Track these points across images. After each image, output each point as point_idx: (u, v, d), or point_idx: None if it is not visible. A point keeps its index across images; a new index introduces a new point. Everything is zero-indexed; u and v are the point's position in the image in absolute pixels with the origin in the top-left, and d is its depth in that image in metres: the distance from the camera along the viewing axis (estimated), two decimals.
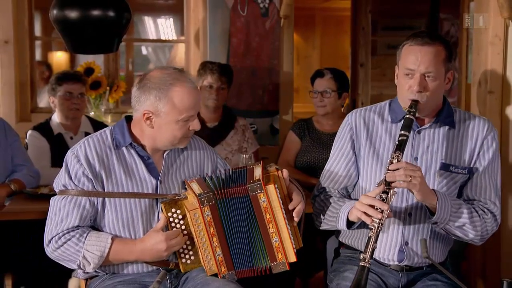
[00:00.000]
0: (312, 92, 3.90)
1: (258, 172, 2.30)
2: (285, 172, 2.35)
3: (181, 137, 2.36)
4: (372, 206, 2.22)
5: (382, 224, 2.21)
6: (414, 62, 2.34)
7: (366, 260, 2.16)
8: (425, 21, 6.50)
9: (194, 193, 2.26)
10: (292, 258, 2.31)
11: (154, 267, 2.38)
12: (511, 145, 4.02)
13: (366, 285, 2.14)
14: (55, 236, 2.29)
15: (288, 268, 2.31)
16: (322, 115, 3.91)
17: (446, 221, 2.32)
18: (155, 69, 2.38)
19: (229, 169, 2.46)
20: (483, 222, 2.38)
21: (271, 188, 2.26)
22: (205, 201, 2.24)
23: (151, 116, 2.32)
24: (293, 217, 2.33)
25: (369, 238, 2.19)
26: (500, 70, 3.96)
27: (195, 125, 2.36)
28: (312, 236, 3.52)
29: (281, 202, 2.28)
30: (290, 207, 2.32)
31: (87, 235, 2.29)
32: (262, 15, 4.28)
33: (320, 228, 2.56)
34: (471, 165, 2.44)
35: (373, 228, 2.20)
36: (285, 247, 2.29)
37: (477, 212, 2.39)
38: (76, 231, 2.29)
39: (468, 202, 2.43)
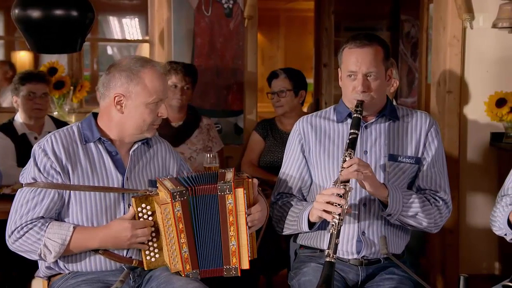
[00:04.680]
0: (270, 93, 3.96)
1: (229, 175, 2.32)
2: (255, 181, 2.38)
3: (150, 123, 2.38)
4: (331, 203, 2.28)
5: (342, 220, 2.26)
6: (355, 64, 2.43)
7: (331, 256, 2.20)
8: (386, 22, 6.60)
9: (167, 189, 2.26)
10: (245, 265, 2.32)
11: (118, 265, 2.38)
12: (469, 143, 4.12)
13: (333, 280, 2.18)
14: (18, 226, 2.28)
15: (239, 274, 2.32)
16: (282, 115, 3.96)
17: (399, 212, 2.40)
18: (123, 57, 2.43)
19: (201, 172, 2.47)
20: (436, 210, 2.47)
21: (240, 191, 2.28)
22: (177, 196, 2.24)
23: (121, 99, 2.34)
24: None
25: (331, 234, 2.24)
26: (459, 71, 4.06)
27: (163, 110, 2.39)
28: (276, 235, 3.57)
29: (246, 208, 2.29)
30: (248, 212, 2.32)
31: (49, 224, 2.29)
32: (226, 16, 4.30)
33: (282, 233, 2.60)
34: (419, 156, 2.53)
35: (334, 224, 2.25)
36: (241, 253, 2.30)
37: (428, 200, 2.48)
38: (39, 221, 2.29)
39: (420, 192, 2.51)
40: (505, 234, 2.37)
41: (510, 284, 1.99)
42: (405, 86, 6.15)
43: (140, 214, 2.32)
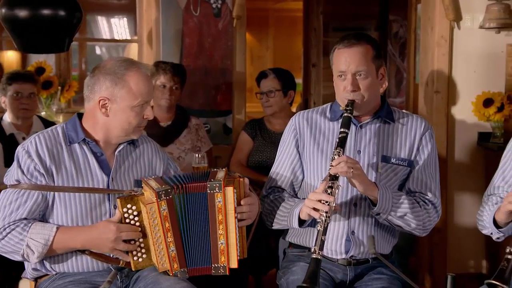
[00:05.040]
0: (259, 94, 3.96)
1: (221, 174, 2.32)
2: (247, 180, 2.38)
3: (136, 125, 2.38)
4: (320, 201, 2.29)
5: (329, 217, 2.27)
6: (344, 63, 2.45)
7: (317, 252, 2.21)
8: (374, 23, 6.62)
9: (152, 188, 2.25)
10: (234, 264, 2.32)
11: (105, 266, 2.37)
12: (456, 143, 4.14)
13: (319, 276, 2.19)
14: (1, 228, 2.27)
15: (227, 273, 2.33)
16: (271, 115, 3.97)
17: (388, 211, 2.41)
18: (107, 59, 2.41)
19: (192, 172, 2.47)
20: (425, 212, 2.48)
21: (229, 190, 2.28)
22: (163, 195, 2.24)
23: (106, 103, 2.33)
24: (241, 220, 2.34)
25: (318, 231, 2.25)
26: (446, 71, 4.08)
27: (149, 113, 2.39)
28: (265, 235, 3.57)
29: (236, 207, 2.29)
30: (243, 202, 2.33)
31: (31, 225, 2.27)
32: (214, 16, 4.30)
33: (272, 227, 2.61)
34: (411, 158, 2.54)
35: (321, 222, 2.26)
36: (229, 252, 2.30)
37: (418, 203, 2.49)
38: (21, 222, 2.27)
39: (410, 195, 2.52)
40: (491, 233, 2.38)
41: (494, 282, 2.00)
42: (394, 86, 6.17)
43: (126, 215, 2.31)
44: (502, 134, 3.95)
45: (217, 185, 2.27)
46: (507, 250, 2.06)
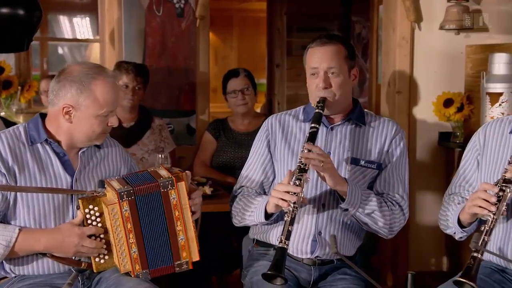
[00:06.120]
0: (230, 93, 3.94)
1: (163, 172, 2.32)
2: (189, 173, 2.38)
3: (100, 132, 2.36)
4: (288, 192, 2.30)
5: (296, 208, 2.28)
6: (316, 61, 2.49)
7: (283, 242, 2.22)
8: (337, 23, 6.67)
9: (114, 189, 2.24)
10: (196, 257, 2.33)
11: (66, 268, 2.34)
12: (418, 143, 4.20)
13: (284, 265, 2.19)
14: None
15: (191, 267, 2.33)
16: (243, 114, 3.95)
17: (357, 207, 2.42)
18: (75, 64, 2.38)
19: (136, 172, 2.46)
20: (392, 213, 2.50)
21: (182, 185, 2.28)
22: (125, 196, 2.23)
23: (70, 110, 2.30)
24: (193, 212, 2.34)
25: (285, 221, 2.26)
26: (408, 71, 4.13)
27: (114, 121, 2.37)
28: (228, 235, 3.57)
29: (188, 200, 2.30)
30: (193, 195, 2.33)
31: None
32: (177, 16, 4.28)
33: (239, 225, 2.61)
34: (380, 161, 2.56)
35: (288, 212, 2.27)
36: (190, 246, 2.31)
37: (385, 202, 2.51)
38: None
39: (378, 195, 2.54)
40: (454, 233, 2.41)
41: (461, 279, 2.03)
42: (356, 86, 6.22)
43: (88, 216, 2.29)
44: (462, 134, 4.02)
45: (170, 182, 2.26)
46: (472, 247, 2.09)
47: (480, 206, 2.17)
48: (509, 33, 4.09)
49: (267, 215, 2.45)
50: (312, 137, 2.38)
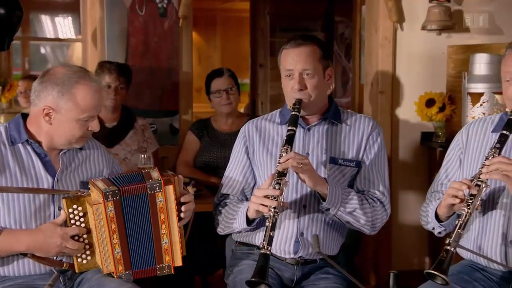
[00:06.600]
0: (214, 92, 3.92)
1: (155, 174, 2.31)
2: (181, 177, 2.38)
3: (80, 136, 2.34)
4: (268, 197, 2.30)
5: (277, 213, 2.28)
6: (291, 63, 2.49)
7: (266, 248, 2.22)
8: (320, 23, 6.69)
9: (99, 189, 2.23)
10: (179, 262, 2.33)
11: (47, 268, 2.32)
12: (400, 143, 4.22)
13: (267, 271, 2.20)
14: None
15: (173, 272, 2.33)
16: (227, 113, 3.94)
17: (338, 206, 2.43)
18: (59, 66, 2.36)
19: (129, 172, 2.44)
20: (373, 210, 2.51)
21: (170, 188, 2.27)
22: (110, 196, 2.22)
23: (50, 112, 2.29)
24: (182, 218, 2.33)
25: (266, 227, 2.26)
26: (390, 71, 4.15)
27: (95, 125, 2.35)
28: (212, 235, 3.56)
29: (176, 205, 2.29)
30: (183, 200, 2.33)
31: None
32: (160, 15, 4.27)
33: (223, 233, 2.62)
34: (359, 159, 2.57)
35: (269, 217, 2.27)
36: (173, 250, 2.31)
37: (367, 200, 2.52)
38: None
39: (359, 193, 2.55)
40: (433, 228, 2.43)
41: (433, 272, 2.05)
42: (340, 86, 6.25)
43: (71, 216, 2.27)
44: (444, 134, 4.04)
45: (157, 184, 2.26)
46: (447, 241, 2.11)
47: (453, 196, 2.19)
48: (490, 34, 4.13)
49: (249, 221, 2.46)
50: (289, 140, 2.38)
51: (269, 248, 2.23)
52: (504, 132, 2.23)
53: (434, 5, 4.00)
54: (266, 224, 2.28)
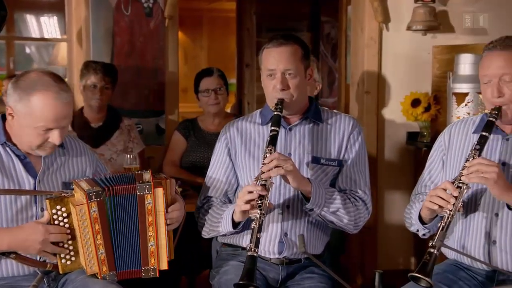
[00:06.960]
0: (203, 91, 3.91)
1: (147, 176, 2.30)
2: (173, 181, 2.36)
3: (38, 145, 2.30)
4: (252, 199, 2.29)
5: (264, 214, 2.28)
6: (273, 62, 2.48)
7: (253, 250, 2.22)
8: (307, 23, 6.70)
9: (83, 189, 2.22)
10: (164, 266, 2.32)
11: (31, 269, 2.31)
12: (386, 143, 4.24)
13: (255, 273, 2.19)
14: None
15: (157, 275, 2.32)
16: (214, 113, 3.93)
17: (322, 206, 2.43)
18: (37, 71, 2.33)
19: (119, 172, 2.43)
20: (356, 209, 2.52)
21: (159, 191, 2.27)
22: (93, 197, 2.20)
23: (12, 113, 2.28)
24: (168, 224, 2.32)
25: (253, 228, 2.26)
26: (376, 71, 4.16)
27: (55, 138, 2.29)
28: (197, 235, 3.55)
29: (165, 208, 2.29)
30: (169, 209, 2.31)
31: None
32: (146, 15, 4.26)
33: (207, 237, 2.61)
34: (341, 158, 2.57)
35: (256, 219, 2.27)
36: (159, 253, 2.30)
37: (349, 199, 2.53)
38: None
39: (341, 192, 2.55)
40: (417, 230, 2.44)
41: (417, 275, 2.06)
42: (326, 86, 6.26)
43: (55, 217, 2.26)
44: (429, 134, 4.07)
45: (147, 186, 2.25)
46: (430, 244, 2.12)
47: (434, 202, 2.20)
48: (475, 34, 4.16)
49: (235, 224, 2.45)
50: (273, 140, 2.38)
51: (256, 250, 2.22)
52: (484, 133, 2.25)
53: (419, 6, 4.02)
54: (252, 226, 2.27)
